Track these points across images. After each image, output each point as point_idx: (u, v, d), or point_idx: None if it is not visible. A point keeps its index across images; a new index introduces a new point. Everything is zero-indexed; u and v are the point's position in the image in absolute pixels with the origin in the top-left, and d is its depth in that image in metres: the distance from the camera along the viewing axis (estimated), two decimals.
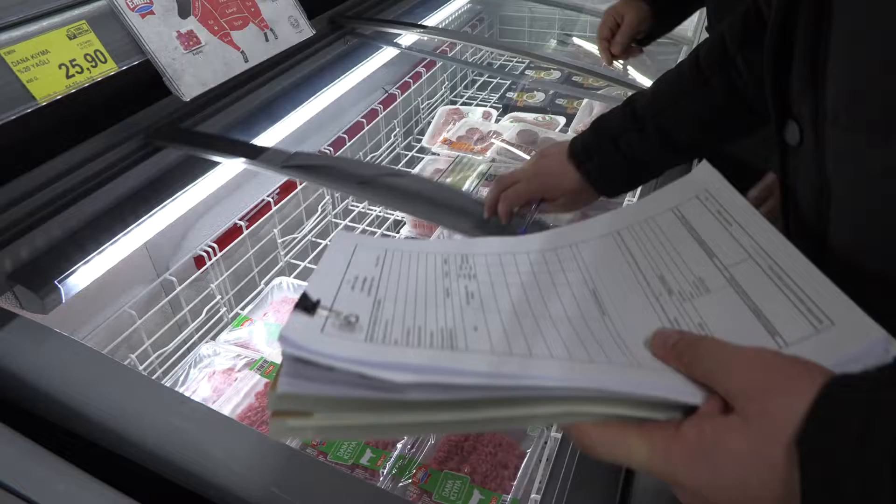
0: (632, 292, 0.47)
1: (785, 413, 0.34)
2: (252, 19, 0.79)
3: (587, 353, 0.42)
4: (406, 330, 0.43)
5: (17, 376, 0.62)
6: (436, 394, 0.38)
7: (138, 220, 0.97)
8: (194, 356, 1.03)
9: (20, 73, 0.55)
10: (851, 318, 0.39)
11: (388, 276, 0.49)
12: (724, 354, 0.38)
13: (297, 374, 0.39)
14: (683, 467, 0.36)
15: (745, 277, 0.45)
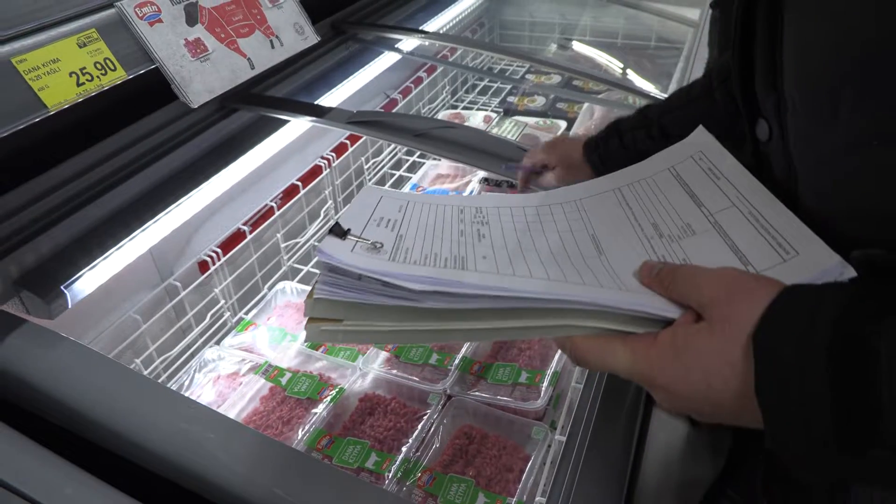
0: (626, 236, 0.53)
1: (744, 317, 0.39)
2: (258, 27, 0.80)
3: (582, 279, 0.48)
4: (424, 255, 0.50)
5: (26, 381, 0.62)
6: (448, 302, 0.45)
7: (143, 225, 0.98)
8: (199, 360, 1.03)
9: (32, 82, 0.56)
10: (814, 248, 0.45)
11: (410, 219, 0.56)
12: (697, 274, 0.44)
13: (330, 283, 0.46)
14: (659, 367, 0.42)
15: (727, 221, 0.51)
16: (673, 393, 0.42)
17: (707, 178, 0.56)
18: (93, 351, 0.65)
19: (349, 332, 0.46)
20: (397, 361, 0.95)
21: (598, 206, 0.59)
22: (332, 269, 0.47)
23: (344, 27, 1.48)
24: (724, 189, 0.54)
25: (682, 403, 0.43)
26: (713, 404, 0.41)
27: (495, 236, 0.54)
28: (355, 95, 1.39)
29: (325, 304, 0.45)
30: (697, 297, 0.43)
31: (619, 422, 0.75)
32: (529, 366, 0.91)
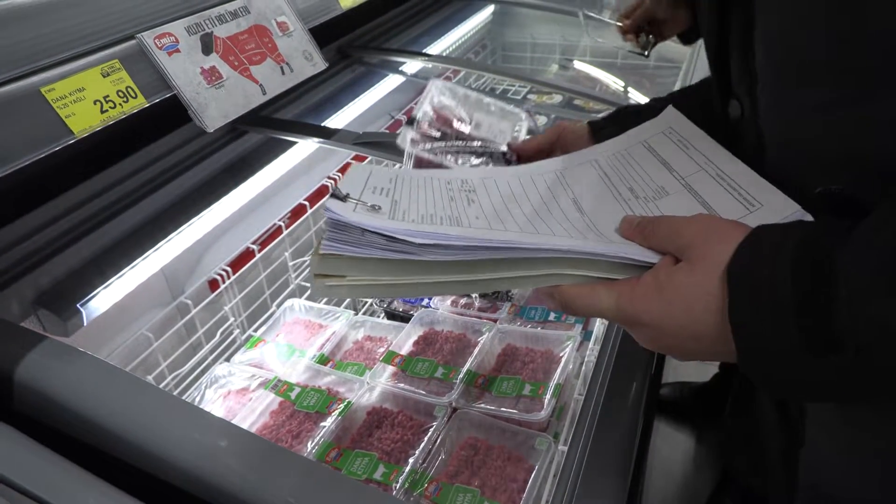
0: (605, 199, 0.57)
1: (721, 254, 0.43)
2: (269, 54, 0.83)
3: (567, 233, 0.52)
4: (420, 215, 0.53)
5: (49, 395, 0.65)
6: (446, 255, 0.48)
7: (156, 245, 1.01)
8: (210, 377, 1.06)
9: (59, 110, 0.59)
10: (776, 199, 0.50)
11: (401, 189, 0.59)
12: (675, 221, 0.48)
13: (335, 240, 0.49)
14: (643, 305, 0.46)
15: (698, 183, 0.56)
16: (656, 329, 0.46)
17: (678, 148, 0.61)
18: (114, 366, 0.67)
19: (353, 286, 0.49)
20: (404, 375, 0.97)
21: (577, 175, 0.63)
22: (337, 226, 0.50)
23: (349, 51, 1.52)
24: (693, 157, 0.59)
25: (664, 340, 0.47)
26: (694, 337, 0.44)
27: (483, 202, 0.58)
28: (361, 117, 1.43)
29: (331, 260, 0.48)
30: (677, 241, 0.47)
31: (620, 431, 0.77)
32: (533, 378, 0.94)
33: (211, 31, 0.77)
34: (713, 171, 0.56)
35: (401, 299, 1.21)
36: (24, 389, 0.67)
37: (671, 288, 0.45)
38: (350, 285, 0.49)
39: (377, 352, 1.08)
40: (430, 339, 1.05)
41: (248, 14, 0.83)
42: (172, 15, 0.76)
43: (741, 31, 0.52)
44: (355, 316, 1.18)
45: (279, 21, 0.88)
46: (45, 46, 0.62)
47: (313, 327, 1.17)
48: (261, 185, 1.19)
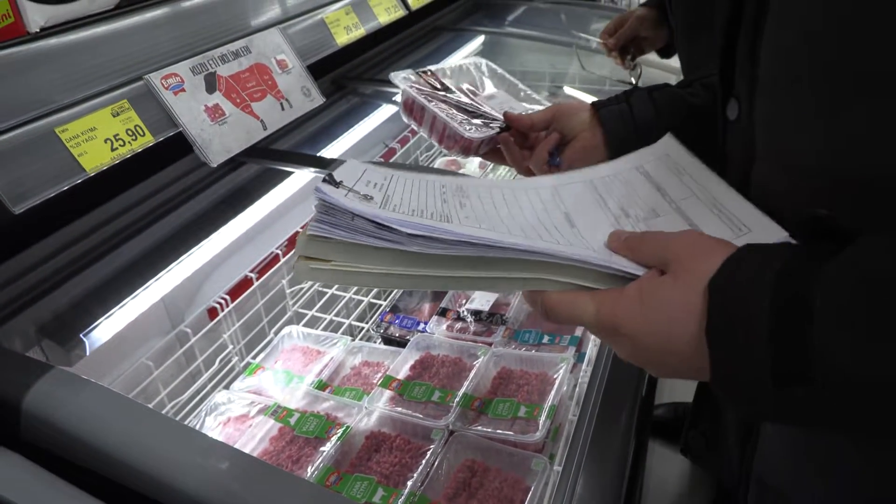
0: (597, 215, 0.58)
1: (705, 270, 0.44)
2: (269, 91, 0.87)
3: (557, 241, 0.52)
4: (411, 210, 0.53)
5: (57, 425, 0.67)
6: (433, 248, 0.48)
7: (156, 275, 1.03)
8: (210, 404, 1.07)
9: (72, 148, 0.62)
10: (765, 225, 0.52)
11: (395, 185, 0.58)
12: (663, 236, 0.49)
13: (324, 222, 0.49)
14: (624, 316, 0.46)
15: (689, 207, 0.57)
16: (635, 340, 0.46)
17: (672, 174, 0.63)
18: (120, 395, 0.69)
19: (336, 271, 0.49)
20: (401, 399, 0.99)
21: (571, 191, 0.64)
22: (327, 209, 0.50)
23: (344, 82, 1.56)
24: (686, 183, 0.61)
25: (642, 352, 0.47)
26: (672, 352, 0.45)
27: (475, 206, 0.58)
28: (356, 146, 1.46)
29: (317, 242, 0.49)
30: (663, 255, 0.47)
31: (612, 452, 0.79)
32: (528, 400, 0.96)
33: (214, 71, 0.80)
34: (705, 197, 0.58)
35: (398, 324, 1.23)
36: (32, 419, 0.69)
37: (654, 300, 0.45)
38: (333, 270, 0.49)
39: (374, 377, 1.10)
40: (426, 364, 1.07)
41: (249, 53, 0.87)
42: (178, 56, 0.80)
43: (751, 35, 0.54)
44: (353, 342, 1.19)
45: (279, 59, 0.91)
46: (59, 89, 0.65)
47: (311, 354, 1.19)
48: (258, 214, 1.22)
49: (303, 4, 1.06)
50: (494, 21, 2.27)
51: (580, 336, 1.08)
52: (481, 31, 2.13)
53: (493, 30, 2.16)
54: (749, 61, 0.55)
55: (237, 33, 0.91)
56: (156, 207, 1.10)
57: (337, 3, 1.14)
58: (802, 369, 0.38)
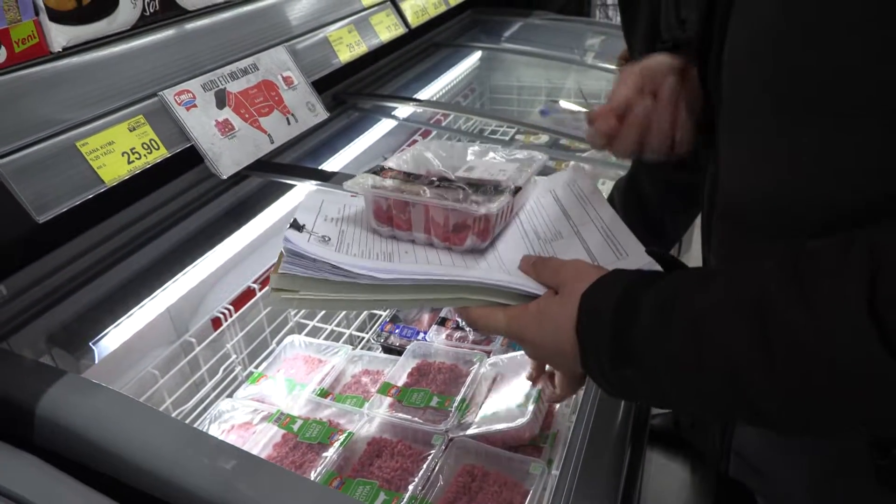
0: (515, 238, 0.71)
1: (581, 290, 0.56)
2: (276, 107, 0.90)
3: (478, 265, 0.66)
4: (361, 250, 0.66)
5: (71, 428, 0.69)
6: (377, 281, 0.61)
7: (163, 285, 1.06)
8: (214, 412, 1.09)
9: (92, 161, 0.65)
10: (638, 252, 0.65)
11: (348, 220, 0.72)
12: (558, 264, 0.62)
13: (292, 263, 0.62)
14: (526, 326, 0.60)
15: (586, 231, 0.70)
16: (535, 345, 0.61)
17: (577, 200, 0.76)
18: (132, 399, 0.71)
19: (304, 299, 0.62)
20: (400, 405, 1.01)
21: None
22: (293, 254, 0.62)
23: (344, 97, 1.60)
24: (587, 210, 0.74)
25: (540, 353, 0.63)
26: (560, 353, 0.58)
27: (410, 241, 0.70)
28: (356, 160, 1.49)
29: (287, 278, 0.62)
30: (556, 279, 0.61)
31: (607, 457, 0.81)
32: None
33: (224, 88, 0.84)
34: (599, 224, 0.71)
35: (398, 334, 1.26)
36: (46, 423, 0.71)
37: (547, 314, 0.59)
38: (301, 299, 0.62)
39: (375, 385, 1.12)
40: (423, 371, 1.09)
41: (257, 71, 0.90)
42: (190, 73, 0.83)
43: (716, 51, 0.60)
44: (353, 350, 1.22)
45: (285, 76, 0.95)
46: (80, 105, 0.69)
47: (313, 362, 1.21)
48: (261, 226, 1.24)
49: (307, 23, 1.10)
50: (491, 37, 2.31)
51: None
52: (478, 47, 2.17)
53: (490, 46, 2.20)
54: (715, 79, 0.60)
55: (246, 51, 0.95)
56: (162, 220, 1.13)
57: (340, 22, 1.18)
58: (627, 354, 0.52)
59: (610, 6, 3.04)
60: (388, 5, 1.34)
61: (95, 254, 1.03)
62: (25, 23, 0.64)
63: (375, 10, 1.30)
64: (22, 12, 0.63)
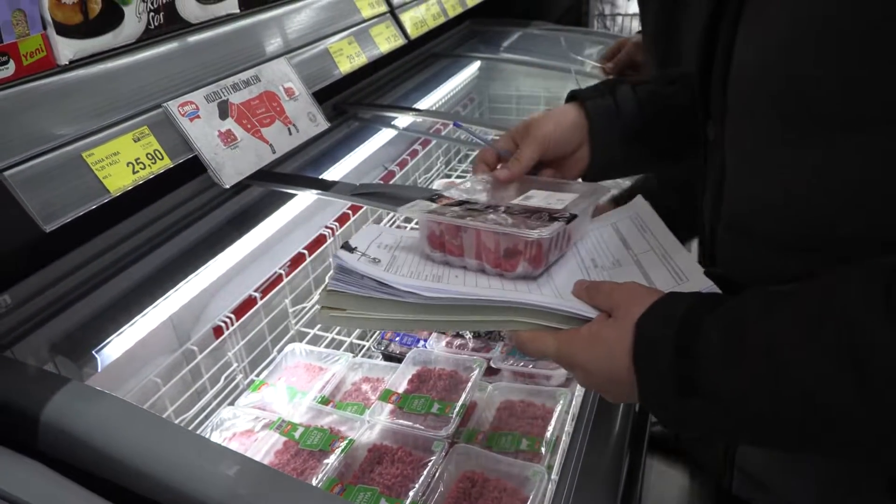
0: (570, 265, 0.70)
1: (636, 313, 0.54)
2: (278, 117, 0.92)
3: (529, 290, 0.65)
4: (409, 272, 0.67)
5: (76, 435, 0.70)
6: (423, 300, 0.62)
7: (165, 294, 1.07)
8: (216, 420, 1.10)
9: (98, 172, 0.67)
10: (698, 276, 0.63)
11: (403, 247, 0.73)
12: (611, 286, 0.60)
13: (340, 280, 0.64)
14: (578, 350, 0.58)
15: (645, 259, 0.69)
16: (586, 371, 0.58)
17: (638, 231, 0.75)
18: (136, 406, 0.72)
19: (350, 318, 0.63)
20: (401, 412, 1.02)
21: None
22: (343, 270, 0.64)
23: (345, 107, 1.61)
24: (647, 238, 0.73)
25: (593, 380, 0.59)
26: (614, 380, 0.56)
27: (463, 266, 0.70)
28: (356, 169, 1.50)
29: (335, 296, 0.63)
30: (609, 302, 0.59)
31: (605, 463, 0.82)
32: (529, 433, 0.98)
33: (227, 99, 0.85)
34: (660, 251, 0.70)
35: (398, 342, 1.26)
36: (51, 429, 0.72)
37: (599, 339, 0.57)
38: (348, 317, 0.63)
39: (375, 392, 1.13)
40: (423, 377, 1.10)
41: (259, 82, 0.92)
42: (193, 85, 0.85)
43: (722, 63, 0.61)
44: (354, 358, 1.23)
45: (286, 87, 0.96)
46: (86, 116, 0.70)
47: (314, 370, 1.22)
48: (262, 235, 1.25)
49: (308, 36, 1.11)
50: (490, 47, 2.33)
51: None
52: (477, 57, 2.18)
53: (489, 56, 2.21)
54: (721, 88, 0.61)
55: (247, 63, 0.96)
56: (164, 229, 1.14)
57: (340, 34, 1.19)
58: (692, 384, 0.49)
59: (608, 16, 3.07)
60: (387, 17, 1.36)
61: (98, 263, 1.04)
62: (33, 37, 0.65)
63: (375, 22, 1.31)
64: (30, 26, 0.65)
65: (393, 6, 1.39)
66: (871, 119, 0.48)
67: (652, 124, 0.82)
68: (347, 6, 1.26)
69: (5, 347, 0.88)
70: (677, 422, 0.53)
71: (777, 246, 0.57)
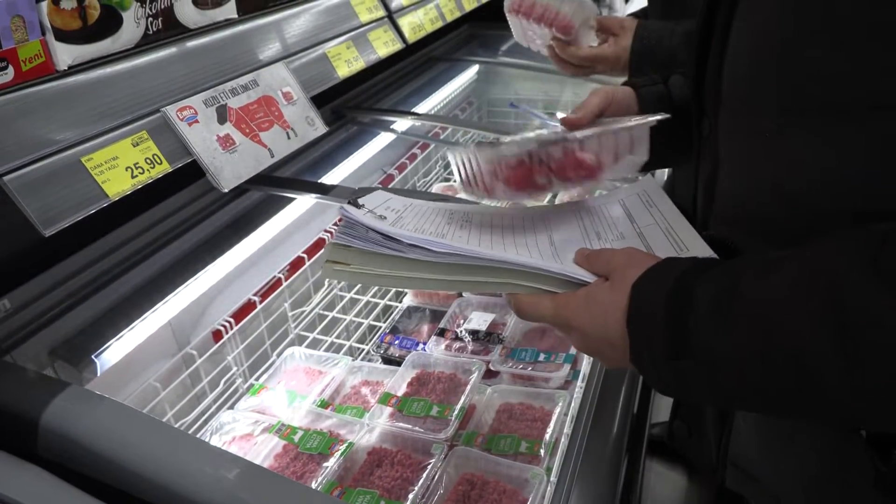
0: (575, 237, 0.71)
1: (633, 277, 0.55)
2: (276, 121, 0.92)
3: (530, 254, 0.65)
4: (415, 228, 0.67)
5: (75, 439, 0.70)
6: (427, 256, 0.61)
7: (164, 298, 1.07)
8: (215, 424, 1.10)
9: (97, 176, 0.67)
10: (699, 246, 0.64)
11: (410, 210, 0.72)
12: (609, 251, 0.61)
13: (345, 234, 0.63)
14: (573, 312, 0.58)
15: (649, 232, 0.70)
16: (582, 333, 0.58)
17: (644, 206, 0.76)
18: (136, 410, 0.72)
19: (354, 273, 0.63)
20: (400, 415, 1.02)
21: (560, 217, 0.77)
22: (348, 223, 0.64)
23: (344, 111, 1.62)
24: (653, 214, 0.74)
25: (588, 342, 0.59)
26: (608, 342, 0.56)
27: (474, 226, 0.71)
28: (355, 173, 1.51)
29: (340, 250, 0.63)
30: (607, 267, 0.59)
31: (603, 465, 0.82)
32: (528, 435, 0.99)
33: (225, 103, 0.86)
34: (664, 225, 0.71)
35: (398, 345, 1.27)
36: (50, 434, 0.72)
37: (595, 301, 0.57)
38: (351, 272, 0.63)
39: (374, 395, 1.13)
40: (422, 380, 1.10)
41: (257, 86, 0.92)
42: (192, 90, 0.85)
43: (717, 56, 0.62)
44: (353, 362, 1.23)
45: (284, 91, 0.97)
46: (85, 121, 0.70)
47: (313, 374, 1.22)
48: (261, 239, 1.25)
49: (306, 40, 1.12)
50: (489, 51, 2.34)
51: (575, 354, 1.12)
52: (476, 61, 2.19)
53: (487, 59, 2.22)
54: (715, 81, 0.62)
55: (246, 68, 0.97)
56: (163, 233, 1.14)
57: (338, 38, 1.20)
58: (684, 346, 0.50)
59: None
60: (385, 22, 1.37)
61: (97, 267, 1.04)
62: (32, 42, 0.66)
63: (373, 27, 1.32)
64: (29, 32, 0.65)
65: (391, 11, 1.40)
66: (866, 105, 0.49)
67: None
68: (345, 11, 1.26)
69: (5, 352, 0.88)
70: (666, 385, 0.53)
71: (769, 236, 0.58)
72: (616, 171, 0.75)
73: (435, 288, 0.67)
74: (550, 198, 1.40)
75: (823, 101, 0.51)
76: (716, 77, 0.62)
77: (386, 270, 0.62)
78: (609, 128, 0.73)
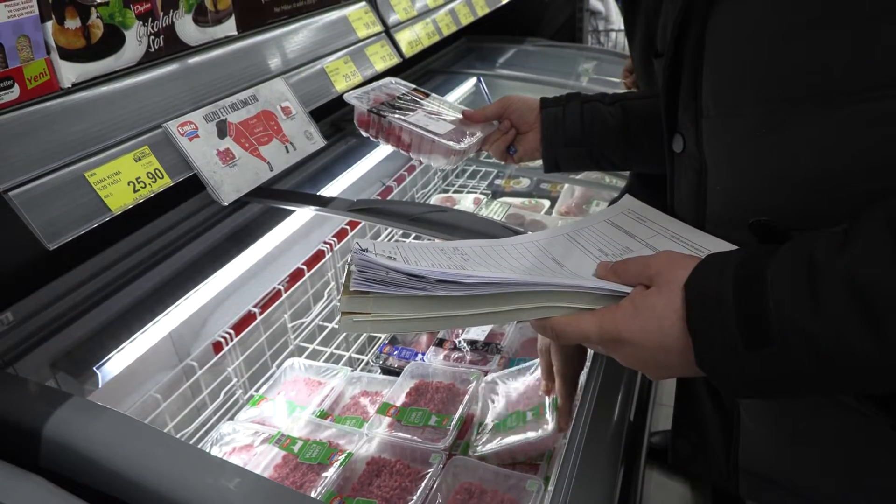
0: (580, 257, 0.67)
1: (682, 277, 0.53)
2: (275, 135, 0.94)
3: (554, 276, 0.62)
4: (431, 264, 0.61)
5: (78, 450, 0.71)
6: (457, 290, 0.57)
7: (165, 311, 1.08)
8: (216, 434, 1.11)
9: (100, 191, 0.69)
10: (718, 244, 0.62)
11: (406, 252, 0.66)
12: (644, 258, 0.58)
13: (363, 279, 0.57)
14: (622, 324, 0.54)
15: (656, 242, 0.67)
16: (634, 344, 0.54)
17: (636, 222, 0.74)
18: (138, 421, 0.73)
19: (377, 321, 0.57)
20: (399, 425, 1.03)
21: (554, 243, 0.73)
22: (364, 267, 0.57)
23: (342, 124, 1.63)
24: (650, 226, 0.71)
25: (641, 354, 0.55)
26: (665, 348, 0.53)
27: (477, 261, 0.67)
28: (354, 185, 1.52)
29: (358, 299, 0.56)
30: (646, 273, 0.56)
31: (600, 473, 0.83)
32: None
33: (225, 118, 0.88)
34: (668, 234, 0.68)
35: (397, 356, 1.28)
36: (52, 445, 0.73)
37: (645, 308, 0.54)
38: (374, 321, 0.57)
39: (374, 406, 1.14)
40: (421, 390, 1.11)
41: (257, 102, 0.94)
42: (192, 105, 0.87)
43: (691, 75, 0.63)
44: (352, 372, 1.24)
45: (283, 106, 0.99)
46: (88, 137, 0.72)
47: (313, 384, 1.23)
48: (261, 251, 1.27)
49: (305, 56, 1.14)
50: (486, 63, 2.36)
51: None
52: (473, 74, 2.21)
53: (485, 72, 2.24)
54: (691, 94, 0.64)
55: (245, 83, 0.99)
56: (164, 246, 1.16)
57: (336, 54, 1.22)
58: (765, 328, 0.47)
59: (601, 32, 3.11)
60: (382, 37, 1.39)
61: (99, 280, 1.05)
62: (37, 61, 0.67)
63: (371, 42, 1.34)
64: (34, 51, 0.67)
65: (388, 26, 1.42)
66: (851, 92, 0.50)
67: (588, 134, 0.98)
68: (343, 27, 1.28)
69: (7, 364, 0.89)
70: (745, 382, 0.50)
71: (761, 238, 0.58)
72: (422, 157, 1.00)
73: (466, 324, 0.63)
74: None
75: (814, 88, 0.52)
76: (691, 97, 0.63)
77: (412, 314, 0.57)
78: (421, 131, 0.97)
